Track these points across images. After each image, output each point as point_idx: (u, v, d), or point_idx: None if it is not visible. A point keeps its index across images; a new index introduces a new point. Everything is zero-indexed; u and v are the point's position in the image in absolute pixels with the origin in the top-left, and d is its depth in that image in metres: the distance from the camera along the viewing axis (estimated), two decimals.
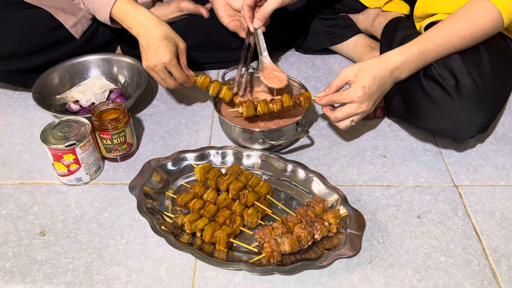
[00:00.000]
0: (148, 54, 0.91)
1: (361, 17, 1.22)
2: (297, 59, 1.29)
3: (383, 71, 0.82)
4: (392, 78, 0.84)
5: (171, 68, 0.91)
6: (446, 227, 0.82)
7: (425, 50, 0.83)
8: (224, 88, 0.95)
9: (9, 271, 0.75)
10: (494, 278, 0.74)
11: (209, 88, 0.96)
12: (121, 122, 0.89)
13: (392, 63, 0.82)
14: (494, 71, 0.87)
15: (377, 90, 0.82)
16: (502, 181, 0.91)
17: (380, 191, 0.89)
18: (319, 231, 0.77)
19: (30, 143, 1.01)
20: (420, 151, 0.98)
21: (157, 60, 0.90)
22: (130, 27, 0.92)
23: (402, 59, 0.83)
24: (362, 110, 0.84)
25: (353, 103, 0.83)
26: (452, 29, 0.83)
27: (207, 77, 0.96)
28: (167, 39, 0.90)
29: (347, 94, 0.82)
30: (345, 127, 0.88)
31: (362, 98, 0.82)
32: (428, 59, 0.84)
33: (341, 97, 0.84)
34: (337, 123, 0.88)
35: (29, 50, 1.04)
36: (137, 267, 0.75)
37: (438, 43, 0.83)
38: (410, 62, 0.83)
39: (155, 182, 0.87)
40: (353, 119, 0.86)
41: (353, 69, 0.83)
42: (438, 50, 0.83)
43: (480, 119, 0.84)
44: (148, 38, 0.89)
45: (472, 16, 0.82)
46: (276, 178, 0.90)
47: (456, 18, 0.83)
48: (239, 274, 0.74)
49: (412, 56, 0.83)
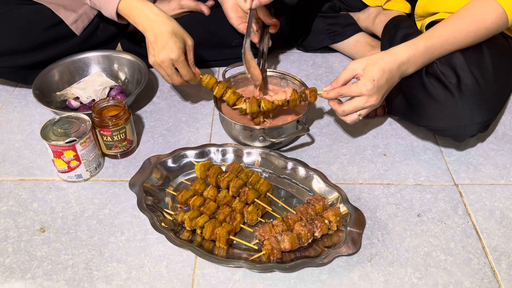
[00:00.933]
0: (155, 49, 0.90)
1: (362, 15, 1.22)
2: (297, 57, 1.29)
3: (391, 64, 0.81)
4: (400, 72, 0.83)
5: (178, 65, 0.91)
6: (446, 226, 0.82)
7: (431, 45, 0.83)
8: (229, 91, 0.94)
9: (9, 267, 0.75)
10: (494, 276, 0.74)
11: (214, 89, 0.95)
12: (121, 119, 0.89)
13: (399, 57, 0.82)
14: (495, 70, 0.87)
15: (386, 83, 0.82)
16: (502, 180, 0.91)
17: (380, 189, 0.89)
18: (319, 229, 0.77)
19: (30, 139, 1.01)
20: (420, 149, 0.98)
21: (165, 56, 0.89)
22: (137, 22, 0.91)
23: (409, 53, 0.82)
24: (371, 103, 0.82)
25: (362, 96, 0.82)
26: (457, 25, 0.83)
27: (213, 77, 0.95)
28: (175, 35, 0.89)
29: (356, 87, 0.81)
30: (353, 121, 0.86)
31: (372, 91, 0.81)
32: (434, 55, 0.84)
33: (350, 90, 0.82)
34: (344, 117, 0.86)
35: (29, 46, 1.04)
36: (137, 264, 0.75)
37: (444, 39, 0.83)
38: (416, 57, 0.83)
39: (155, 179, 0.87)
40: (360, 113, 0.84)
41: (361, 62, 0.82)
42: (443, 46, 0.83)
43: (481, 118, 0.84)
44: (156, 34, 0.89)
45: (477, 14, 0.82)
46: (276, 175, 0.90)
47: (462, 15, 0.83)
48: (239, 271, 0.74)
49: (419, 51, 0.83)
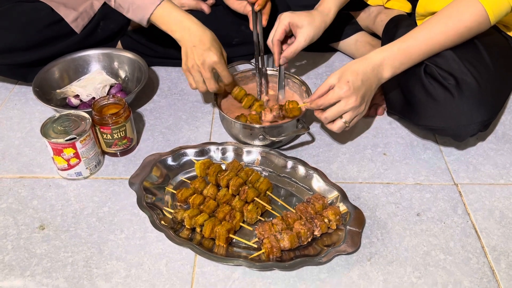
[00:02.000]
0: (197, 52, 0.90)
1: (362, 14, 1.22)
2: (297, 56, 1.28)
3: (364, 67, 0.82)
4: (375, 74, 0.83)
5: (219, 68, 0.91)
6: (446, 225, 0.82)
7: (406, 47, 0.83)
8: (256, 104, 1.00)
9: (8, 264, 0.75)
10: (493, 276, 0.74)
11: (243, 101, 1.01)
12: (121, 117, 0.89)
13: (372, 61, 0.83)
14: (495, 69, 0.87)
15: (362, 85, 0.82)
16: (502, 179, 0.92)
17: (380, 189, 0.89)
18: (318, 228, 0.77)
19: (30, 137, 1.01)
20: (420, 149, 0.98)
21: (207, 58, 0.89)
22: (173, 31, 0.91)
23: (382, 56, 0.83)
24: (351, 105, 0.82)
25: (340, 100, 0.82)
26: (435, 26, 0.83)
27: (243, 89, 1.01)
28: (215, 41, 0.91)
29: (332, 93, 0.82)
30: (339, 129, 0.85)
31: (348, 92, 0.81)
32: (413, 56, 0.84)
33: (327, 98, 0.83)
34: (329, 125, 0.86)
35: (29, 44, 1.04)
36: (137, 262, 0.75)
37: (421, 40, 0.83)
38: (391, 59, 0.83)
39: (155, 177, 0.87)
40: (345, 119, 0.84)
41: (335, 74, 0.83)
42: (421, 47, 0.83)
43: (481, 117, 0.84)
44: (198, 38, 0.89)
45: (456, 14, 0.82)
46: (276, 174, 0.90)
47: (440, 16, 0.83)
48: (239, 270, 0.74)
49: (393, 53, 0.83)
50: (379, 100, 1.06)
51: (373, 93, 0.86)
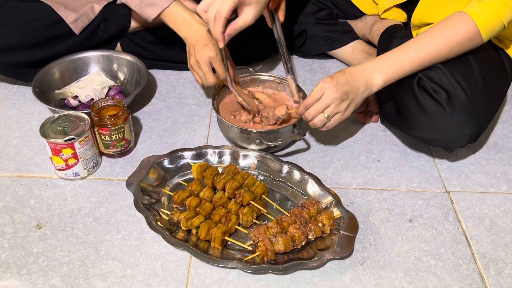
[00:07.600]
0: (196, 49, 0.95)
1: (359, 23, 1.24)
2: (295, 62, 1.30)
3: (352, 69, 0.85)
4: (364, 78, 0.85)
5: (215, 63, 0.95)
6: (437, 232, 0.84)
7: (399, 58, 0.85)
8: None
9: (5, 262, 0.75)
10: (482, 282, 0.76)
11: None
12: (120, 119, 0.90)
13: (363, 66, 0.86)
14: (485, 83, 0.88)
15: (347, 82, 0.83)
16: (493, 188, 0.93)
17: (374, 195, 0.90)
18: (312, 232, 0.78)
19: (28, 136, 1.01)
20: (413, 156, 1.00)
21: (204, 53, 0.94)
22: (180, 30, 0.97)
23: (374, 63, 0.86)
24: (332, 96, 0.82)
25: (323, 95, 0.83)
26: (427, 40, 0.85)
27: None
28: None
29: (315, 90, 0.83)
30: (320, 122, 0.85)
31: (330, 84, 0.82)
32: (405, 67, 0.85)
33: (312, 96, 0.84)
34: (312, 122, 0.86)
35: (29, 44, 1.04)
36: (133, 262, 0.76)
37: (413, 54, 0.85)
38: (383, 66, 0.85)
39: (152, 179, 0.88)
40: (327, 113, 0.84)
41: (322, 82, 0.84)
42: (414, 60, 0.85)
43: (470, 130, 0.86)
44: (198, 36, 0.94)
45: (449, 29, 0.84)
46: (272, 178, 0.91)
47: (433, 31, 0.85)
48: (233, 272, 0.75)
49: (384, 62, 0.85)
50: (374, 108, 1.08)
51: (360, 96, 0.86)
